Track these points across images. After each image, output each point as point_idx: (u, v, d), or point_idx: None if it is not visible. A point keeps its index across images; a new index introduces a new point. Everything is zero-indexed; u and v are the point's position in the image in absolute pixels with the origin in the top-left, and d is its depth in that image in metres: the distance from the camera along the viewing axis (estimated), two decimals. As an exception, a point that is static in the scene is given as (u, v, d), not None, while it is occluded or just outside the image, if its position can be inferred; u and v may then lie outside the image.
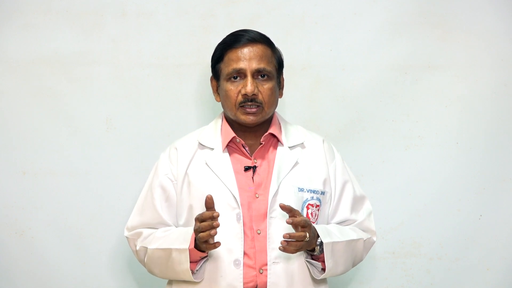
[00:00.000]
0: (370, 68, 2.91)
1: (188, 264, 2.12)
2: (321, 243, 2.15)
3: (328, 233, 2.19)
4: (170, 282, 2.29)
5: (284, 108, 2.87)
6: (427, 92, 2.91)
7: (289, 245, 2.05)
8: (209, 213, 2.03)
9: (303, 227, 2.08)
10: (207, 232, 2.03)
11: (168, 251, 2.16)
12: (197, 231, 2.06)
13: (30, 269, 2.83)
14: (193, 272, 2.15)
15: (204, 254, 2.14)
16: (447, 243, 2.90)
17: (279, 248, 2.06)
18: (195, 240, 2.11)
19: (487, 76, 2.90)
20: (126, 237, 2.32)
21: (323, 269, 2.20)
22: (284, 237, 2.05)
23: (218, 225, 2.02)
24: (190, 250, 2.11)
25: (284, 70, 2.35)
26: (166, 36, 2.89)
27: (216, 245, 2.05)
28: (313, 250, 2.17)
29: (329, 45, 2.90)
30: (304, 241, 2.07)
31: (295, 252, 2.08)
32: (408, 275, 2.90)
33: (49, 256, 2.84)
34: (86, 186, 2.86)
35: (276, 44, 2.33)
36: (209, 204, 2.04)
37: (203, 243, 2.07)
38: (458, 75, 2.91)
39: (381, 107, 2.91)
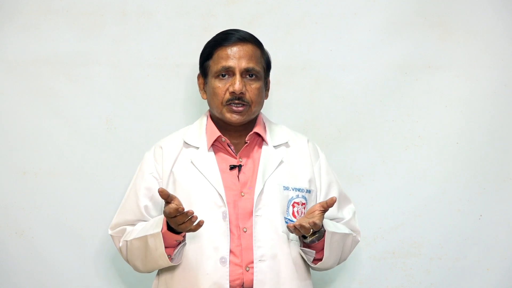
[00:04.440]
0: (370, 68, 2.91)
1: (162, 248, 2.12)
2: (315, 232, 2.14)
3: (326, 223, 2.20)
4: (157, 279, 2.30)
5: (284, 108, 2.87)
6: (427, 92, 2.91)
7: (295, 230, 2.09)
8: (173, 207, 2.01)
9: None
10: (188, 223, 2.03)
11: (144, 239, 2.16)
12: (175, 223, 2.05)
13: (30, 269, 2.83)
14: (170, 258, 2.14)
15: (179, 238, 2.14)
16: (447, 243, 2.89)
17: (288, 226, 2.09)
18: (168, 223, 2.10)
19: (487, 76, 2.90)
20: (111, 235, 2.32)
21: (315, 260, 2.20)
22: (289, 226, 2.08)
23: (195, 219, 2.03)
24: (163, 234, 2.11)
25: (284, 70, 2.34)
26: (166, 36, 2.89)
27: (200, 223, 2.04)
28: (306, 237, 2.17)
29: (329, 45, 2.90)
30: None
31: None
32: (408, 275, 2.90)
33: (49, 256, 2.84)
34: (86, 186, 2.85)
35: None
36: (164, 196, 2.02)
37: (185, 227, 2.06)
38: (458, 75, 2.91)
39: (381, 107, 2.91)
